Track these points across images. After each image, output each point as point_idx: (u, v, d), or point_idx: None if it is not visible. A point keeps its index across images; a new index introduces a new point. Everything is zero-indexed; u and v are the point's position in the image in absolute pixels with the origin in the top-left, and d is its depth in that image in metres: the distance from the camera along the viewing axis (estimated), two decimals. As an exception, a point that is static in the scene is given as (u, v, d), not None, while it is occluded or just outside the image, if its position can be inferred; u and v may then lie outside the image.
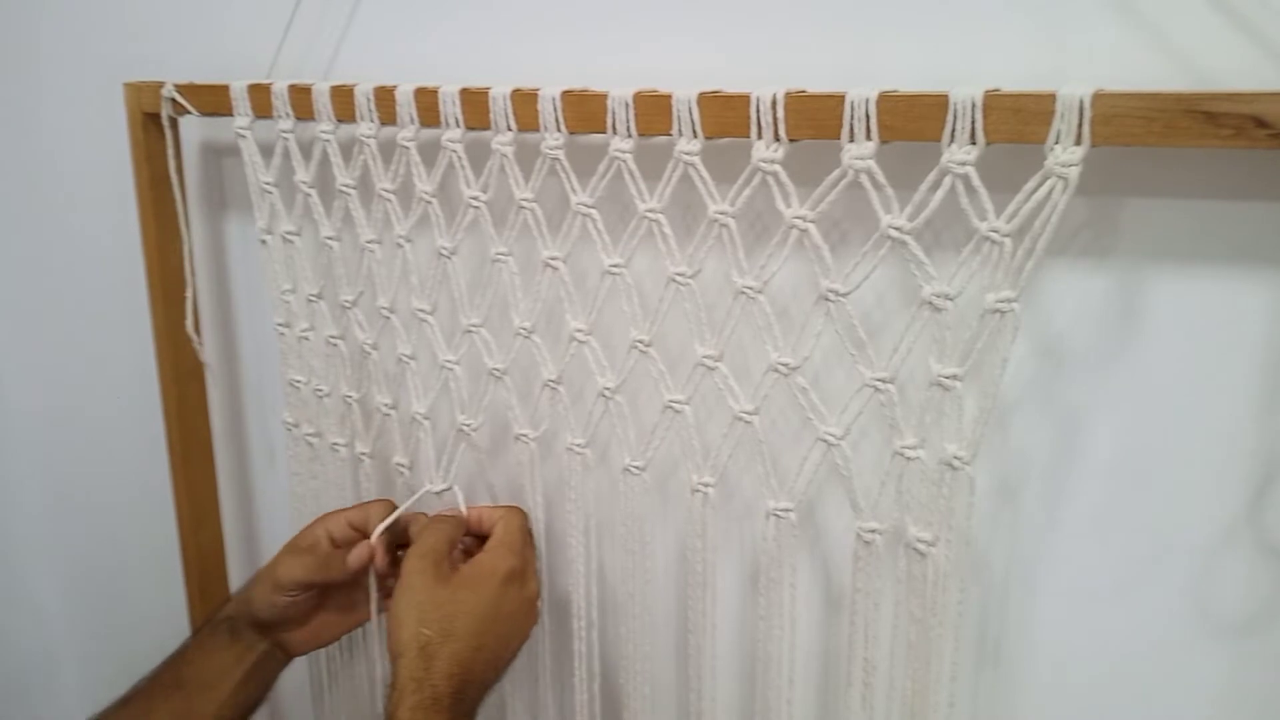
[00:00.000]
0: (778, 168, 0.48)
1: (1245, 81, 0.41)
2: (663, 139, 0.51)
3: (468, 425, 0.65)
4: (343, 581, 0.64)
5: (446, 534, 0.61)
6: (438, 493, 0.66)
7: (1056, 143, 0.40)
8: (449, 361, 0.64)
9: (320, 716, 0.79)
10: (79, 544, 1.09)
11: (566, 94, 0.53)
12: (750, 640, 0.62)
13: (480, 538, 0.63)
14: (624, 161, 0.52)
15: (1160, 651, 0.50)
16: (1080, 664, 0.52)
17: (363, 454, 0.72)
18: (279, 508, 0.87)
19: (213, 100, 0.69)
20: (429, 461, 0.67)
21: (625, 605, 0.61)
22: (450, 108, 0.57)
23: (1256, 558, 0.46)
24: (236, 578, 0.86)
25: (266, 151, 0.69)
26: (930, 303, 0.45)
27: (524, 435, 0.63)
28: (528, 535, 0.63)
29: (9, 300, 1.01)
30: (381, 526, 0.64)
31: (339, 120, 0.63)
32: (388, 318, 0.66)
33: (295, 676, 0.70)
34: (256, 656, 0.64)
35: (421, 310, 0.64)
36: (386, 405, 0.69)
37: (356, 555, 0.63)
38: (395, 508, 0.66)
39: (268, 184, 0.70)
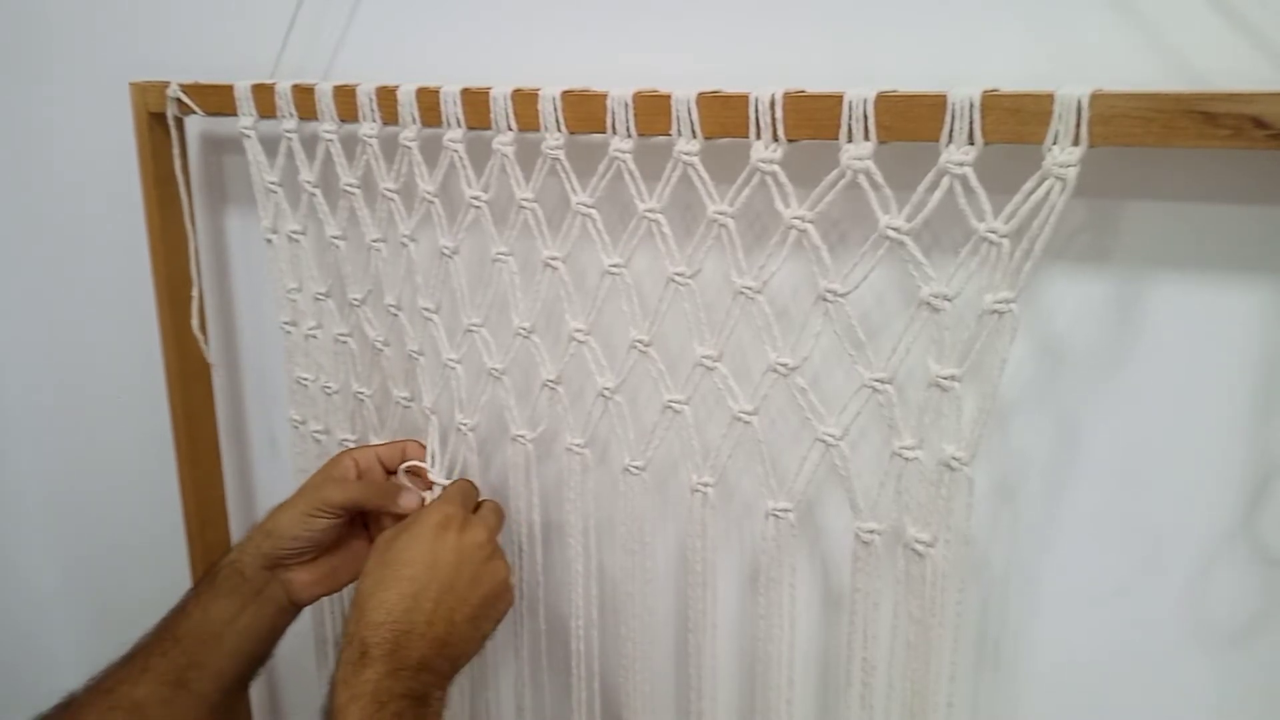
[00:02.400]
0: (776, 168, 0.48)
1: (1244, 82, 0.41)
2: (662, 139, 0.51)
3: (465, 424, 0.65)
4: (377, 515, 0.65)
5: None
6: (443, 484, 0.67)
7: (1055, 143, 0.40)
8: (451, 360, 0.64)
9: (324, 678, 0.79)
10: (82, 544, 1.09)
11: (566, 94, 0.53)
12: (750, 640, 0.62)
13: None
14: (624, 161, 0.52)
15: (1158, 652, 0.50)
16: (1079, 664, 0.52)
17: None
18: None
19: (217, 100, 0.69)
20: (431, 457, 0.67)
21: (625, 605, 0.62)
22: (451, 107, 0.58)
23: (1253, 561, 0.46)
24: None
25: (269, 150, 0.69)
26: (929, 303, 0.45)
27: (520, 436, 0.63)
28: (469, 495, 0.63)
29: (14, 299, 1.01)
30: (438, 467, 0.66)
31: (341, 120, 0.64)
32: (395, 315, 0.67)
33: (299, 640, 0.70)
34: (260, 601, 0.62)
35: (427, 309, 0.65)
36: (405, 399, 0.69)
37: (410, 501, 0.64)
38: (421, 446, 0.67)
39: (273, 183, 0.70)
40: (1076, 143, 0.40)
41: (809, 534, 0.58)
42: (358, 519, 0.66)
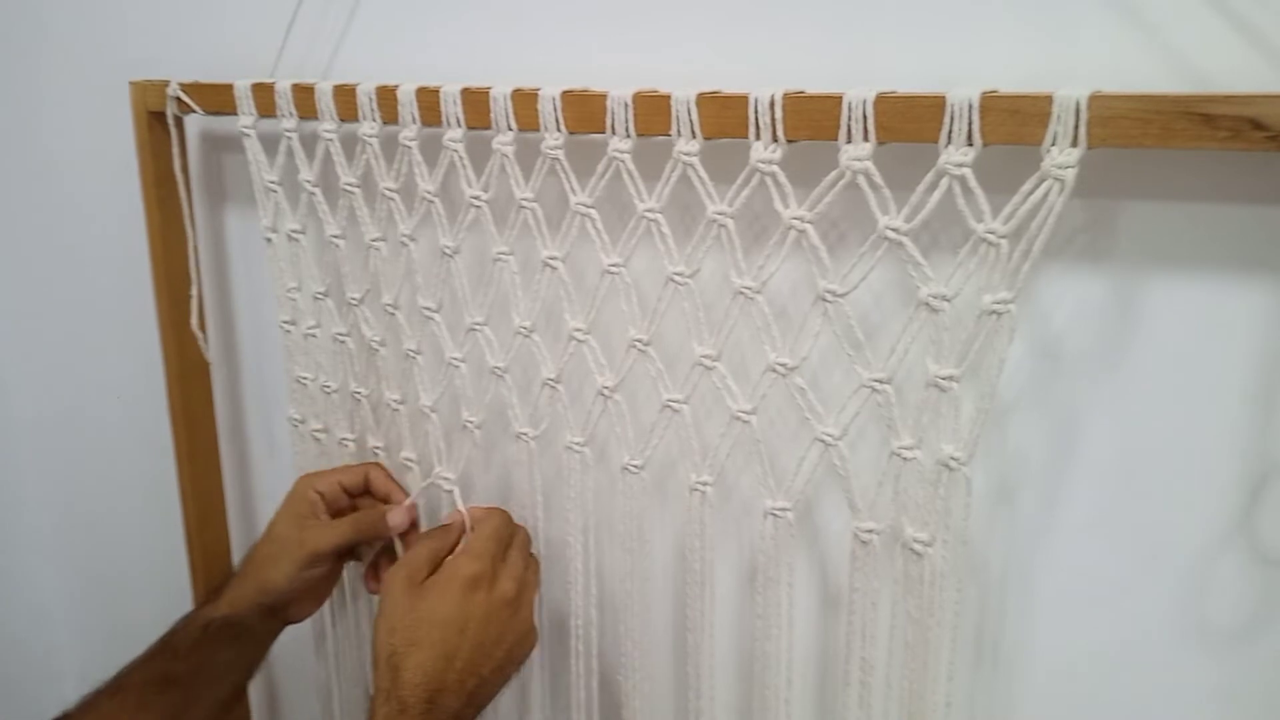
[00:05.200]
0: (776, 168, 0.48)
1: (1243, 83, 0.41)
2: (662, 139, 0.51)
3: (471, 422, 0.65)
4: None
5: (429, 547, 0.61)
6: (447, 490, 0.67)
7: (1053, 144, 0.40)
8: (455, 359, 0.64)
9: (323, 662, 0.80)
10: (82, 545, 1.09)
11: (566, 94, 0.53)
12: (748, 639, 0.62)
13: None
14: (623, 162, 0.52)
15: (1156, 653, 0.50)
16: (1077, 665, 0.52)
17: (376, 448, 0.72)
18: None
19: (217, 99, 0.69)
20: (437, 454, 0.67)
21: (623, 604, 0.62)
22: (451, 107, 0.58)
23: (1251, 561, 0.46)
24: (241, 574, 0.87)
25: (269, 149, 0.69)
26: (927, 304, 0.45)
27: (524, 434, 0.63)
28: (502, 538, 0.61)
29: (14, 297, 1.01)
30: (420, 489, 0.68)
31: (341, 119, 0.64)
32: (393, 314, 0.67)
33: (299, 640, 0.72)
34: (260, 637, 0.64)
35: (428, 308, 0.65)
36: (395, 401, 0.69)
37: (399, 518, 0.66)
38: (385, 470, 0.69)
39: (272, 183, 0.70)
40: (1075, 144, 0.40)
41: (807, 533, 0.58)
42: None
